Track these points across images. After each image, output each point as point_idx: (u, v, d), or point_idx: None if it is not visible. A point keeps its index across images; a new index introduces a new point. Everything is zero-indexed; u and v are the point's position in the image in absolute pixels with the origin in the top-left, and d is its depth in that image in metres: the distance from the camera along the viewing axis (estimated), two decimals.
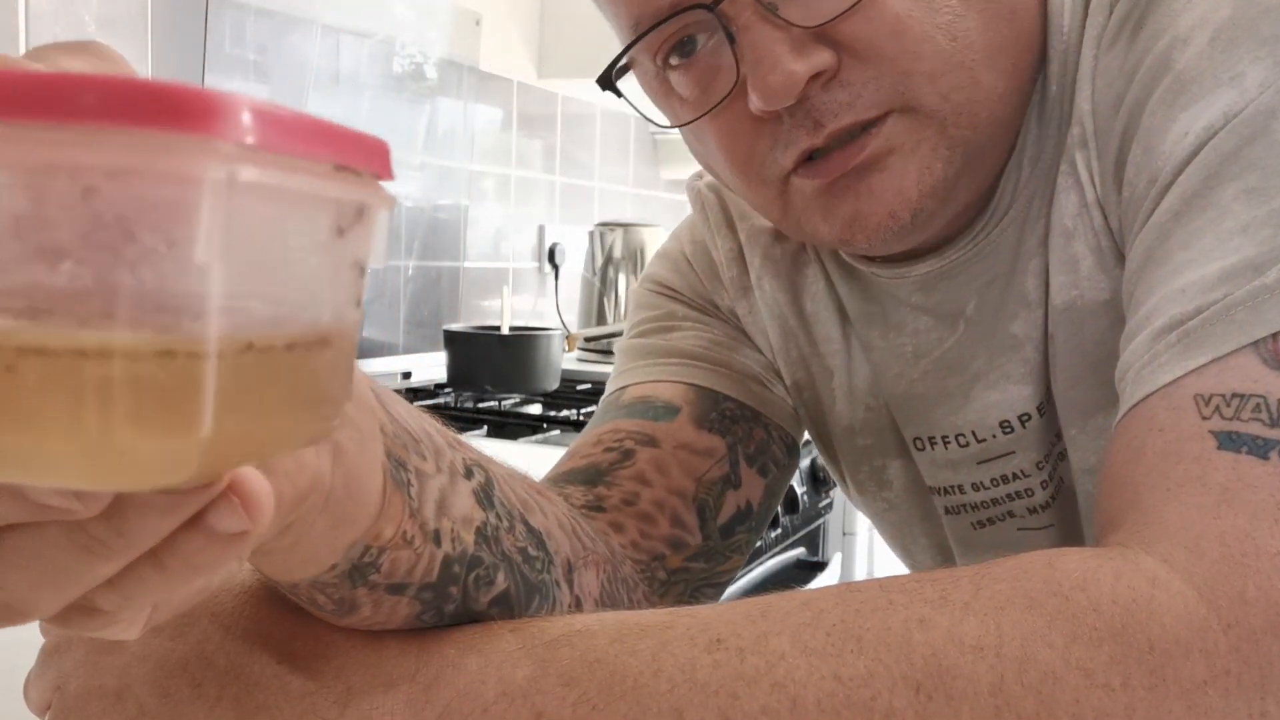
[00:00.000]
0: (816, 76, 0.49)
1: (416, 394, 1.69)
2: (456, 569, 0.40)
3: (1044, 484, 0.61)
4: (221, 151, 0.18)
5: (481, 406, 1.63)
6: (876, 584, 0.39)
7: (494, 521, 0.43)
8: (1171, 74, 0.47)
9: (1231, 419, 0.39)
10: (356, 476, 0.33)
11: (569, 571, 0.48)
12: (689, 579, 0.61)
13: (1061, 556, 0.37)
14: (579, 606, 0.49)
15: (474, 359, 1.66)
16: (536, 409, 1.66)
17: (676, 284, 0.70)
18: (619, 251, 2.17)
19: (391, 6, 1.75)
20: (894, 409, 0.65)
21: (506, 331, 1.71)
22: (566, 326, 2.20)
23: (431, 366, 1.81)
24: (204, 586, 0.28)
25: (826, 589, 0.39)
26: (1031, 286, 0.56)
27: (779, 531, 1.41)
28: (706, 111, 0.53)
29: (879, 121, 0.50)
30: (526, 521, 0.45)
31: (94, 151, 0.18)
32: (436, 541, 0.39)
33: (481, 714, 0.37)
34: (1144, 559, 0.37)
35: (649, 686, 0.36)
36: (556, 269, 2.26)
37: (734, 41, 0.49)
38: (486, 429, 1.48)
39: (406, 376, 1.78)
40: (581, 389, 1.80)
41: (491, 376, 1.64)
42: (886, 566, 1.73)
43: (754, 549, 0.67)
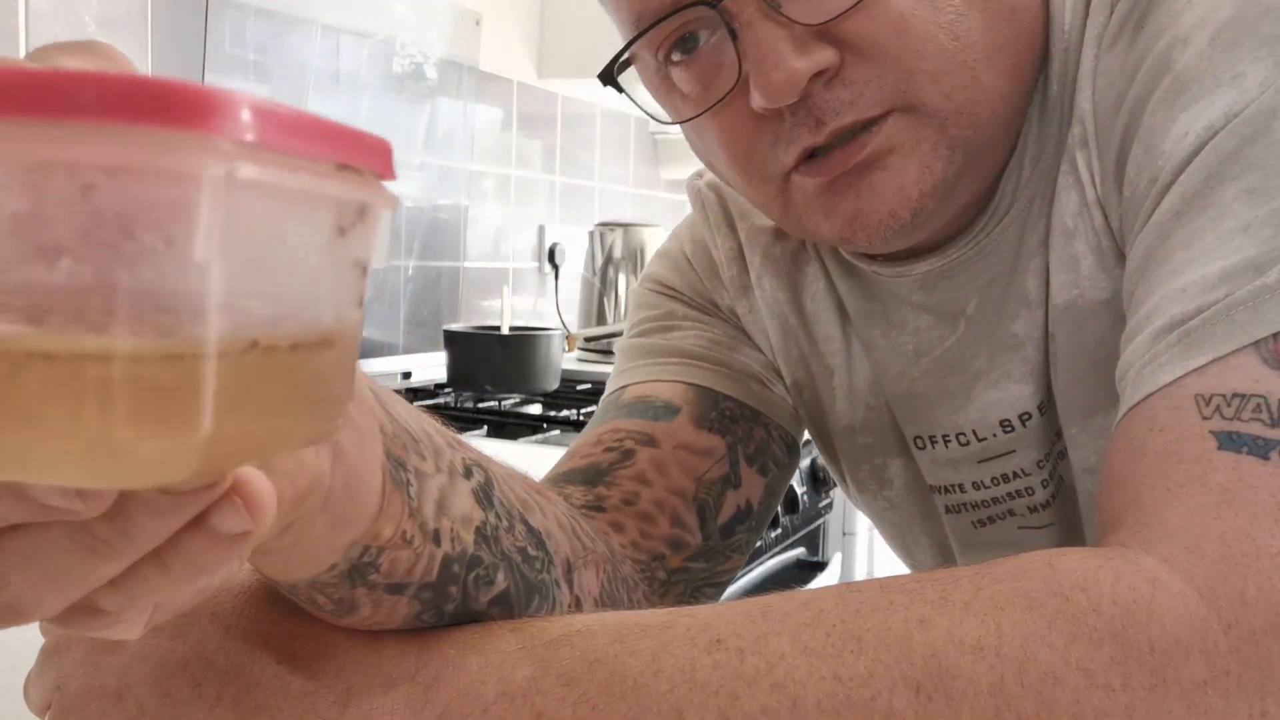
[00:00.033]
0: (819, 74, 0.49)
1: (416, 394, 1.69)
2: (456, 569, 0.40)
3: (1044, 483, 0.61)
4: (220, 149, 0.18)
5: (481, 406, 1.63)
6: (876, 584, 0.39)
7: (493, 521, 0.42)
8: (1172, 74, 0.47)
9: (1232, 419, 0.39)
10: (356, 476, 0.33)
11: (569, 571, 0.48)
12: (689, 579, 0.61)
13: (1062, 557, 0.37)
14: (579, 606, 0.49)
15: (474, 359, 1.66)
16: (536, 409, 1.66)
17: (676, 283, 0.70)
18: (619, 251, 2.17)
19: (391, 6, 1.75)
20: (895, 408, 0.65)
21: (506, 331, 1.71)
22: (566, 326, 2.20)
23: (431, 366, 1.81)
24: (205, 586, 0.28)
25: (826, 589, 0.39)
26: (1032, 286, 0.56)
27: (779, 531, 1.41)
28: (708, 108, 0.52)
29: (880, 120, 0.50)
30: (526, 521, 0.45)
31: (92, 149, 0.18)
32: (436, 541, 0.39)
33: (481, 714, 0.37)
34: (1144, 559, 0.37)
35: (649, 687, 0.36)
36: (556, 269, 2.26)
37: (736, 38, 0.49)
38: (486, 429, 1.48)
39: (406, 376, 1.78)
40: (581, 389, 1.80)
41: (491, 376, 1.64)
42: (886, 566, 1.73)
43: (754, 549, 0.67)
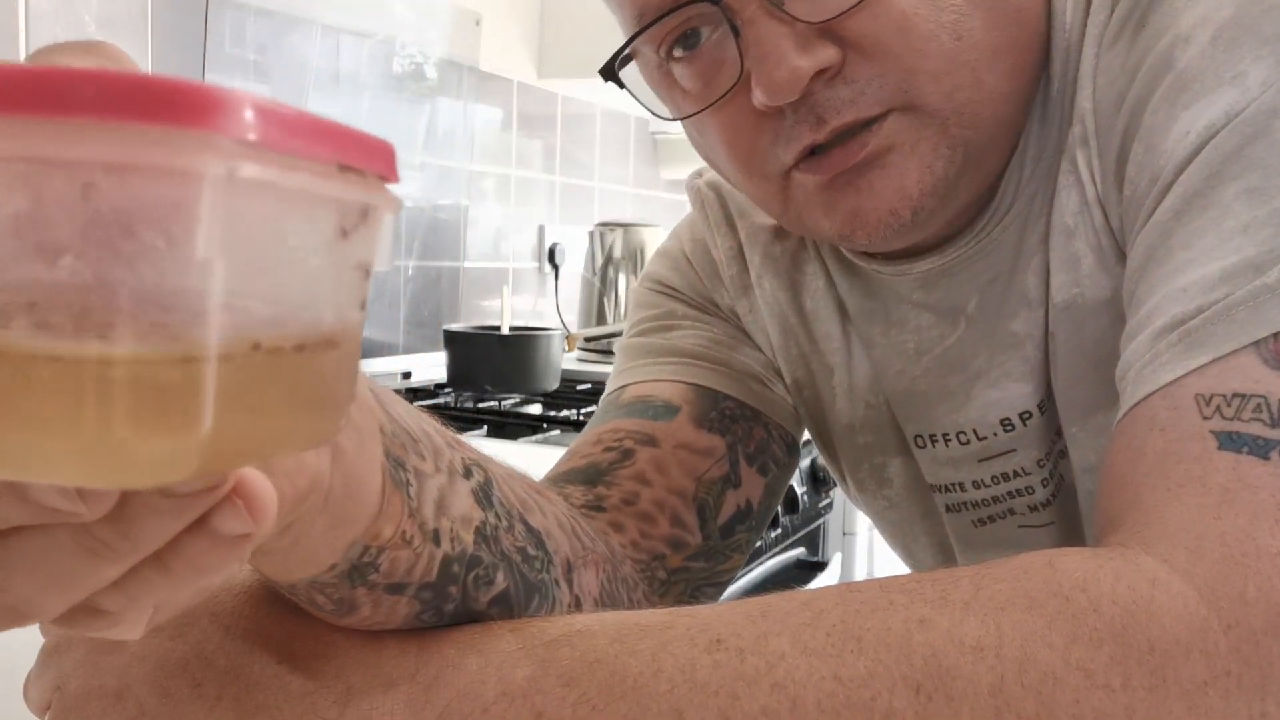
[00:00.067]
0: (820, 73, 0.49)
1: (416, 394, 1.69)
2: (456, 568, 0.40)
3: (1044, 482, 0.61)
4: (222, 147, 0.18)
5: (481, 406, 1.63)
6: (876, 584, 0.39)
7: (493, 521, 0.42)
8: (1173, 72, 0.47)
9: (1232, 419, 0.39)
10: (356, 476, 0.33)
11: (568, 571, 0.48)
12: (689, 578, 0.61)
13: (1062, 557, 0.37)
14: (578, 606, 0.49)
15: (474, 359, 1.66)
16: (536, 409, 1.66)
17: (676, 283, 0.70)
18: (619, 251, 2.17)
19: (391, 6, 1.75)
20: (895, 406, 0.65)
21: (506, 331, 1.71)
22: (566, 326, 2.20)
23: (431, 366, 1.81)
24: (206, 586, 0.28)
25: (826, 589, 0.39)
26: (1032, 284, 0.56)
27: (779, 531, 1.41)
28: (709, 105, 0.52)
29: (881, 119, 0.50)
30: (526, 521, 0.45)
31: (93, 147, 0.18)
32: (436, 541, 0.39)
33: (481, 714, 0.37)
34: (1144, 559, 0.37)
35: (649, 687, 0.36)
36: (556, 269, 2.26)
37: (738, 35, 0.49)
38: (486, 429, 1.48)
39: (406, 376, 1.78)
40: (581, 389, 1.80)
41: (491, 376, 1.64)
42: (886, 566, 1.73)
43: (754, 548, 0.67)
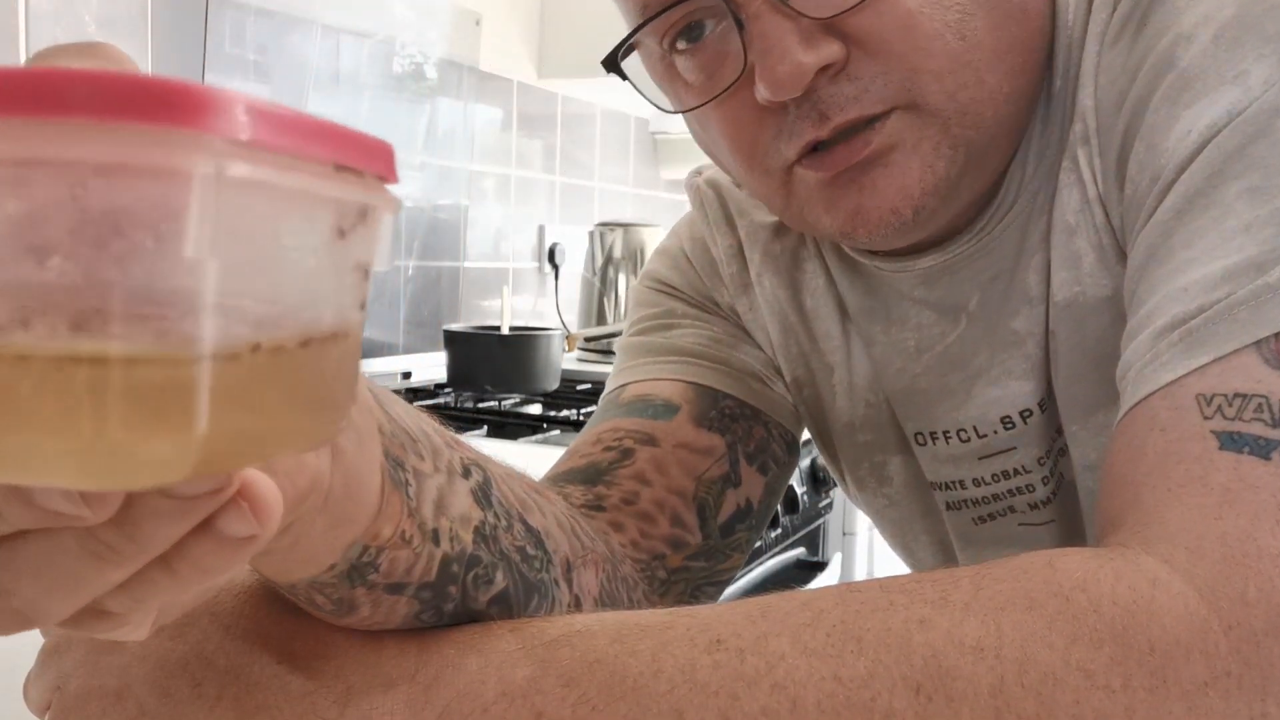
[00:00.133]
0: (824, 69, 0.49)
1: (416, 394, 1.69)
2: (455, 568, 0.40)
3: (1045, 480, 0.61)
4: (212, 146, 0.18)
5: (481, 406, 1.63)
6: (877, 584, 0.38)
7: (492, 520, 0.42)
8: (1175, 71, 0.46)
9: (1233, 419, 0.39)
10: (355, 476, 0.33)
11: (568, 570, 0.48)
12: (689, 578, 0.61)
13: (1062, 557, 0.37)
14: (578, 605, 0.49)
15: (474, 359, 1.66)
16: (536, 409, 1.66)
17: (676, 281, 0.70)
18: (619, 251, 2.17)
19: (391, 6, 1.75)
20: (895, 404, 0.65)
21: (506, 331, 1.71)
22: (566, 326, 2.20)
23: (431, 366, 1.81)
24: (210, 587, 0.28)
25: (826, 589, 0.39)
26: (1033, 282, 0.56)
27: (779, 531, 1.40)
28: (712, 98, 0.52)
29: (883, 117, 0.50)
30: (525, 520, 0.45)
31: (82, 146, 0.17)
32: (435, 541, 0.38)
33: (481, 714, 0.37)
34: (1145, 559, 0.37)
35: (649, 687, 0.36)
36: (556, 269, 2.26)
37: (743, 29, 0.49)
38: (486, 429, 1.48)
39: (406, 376, 1.78)
40: (581, 389, 1.80)
41: (491, 376, 1.64)
42: (886, 566, 1.73)
43: (754, 548, 0.67)
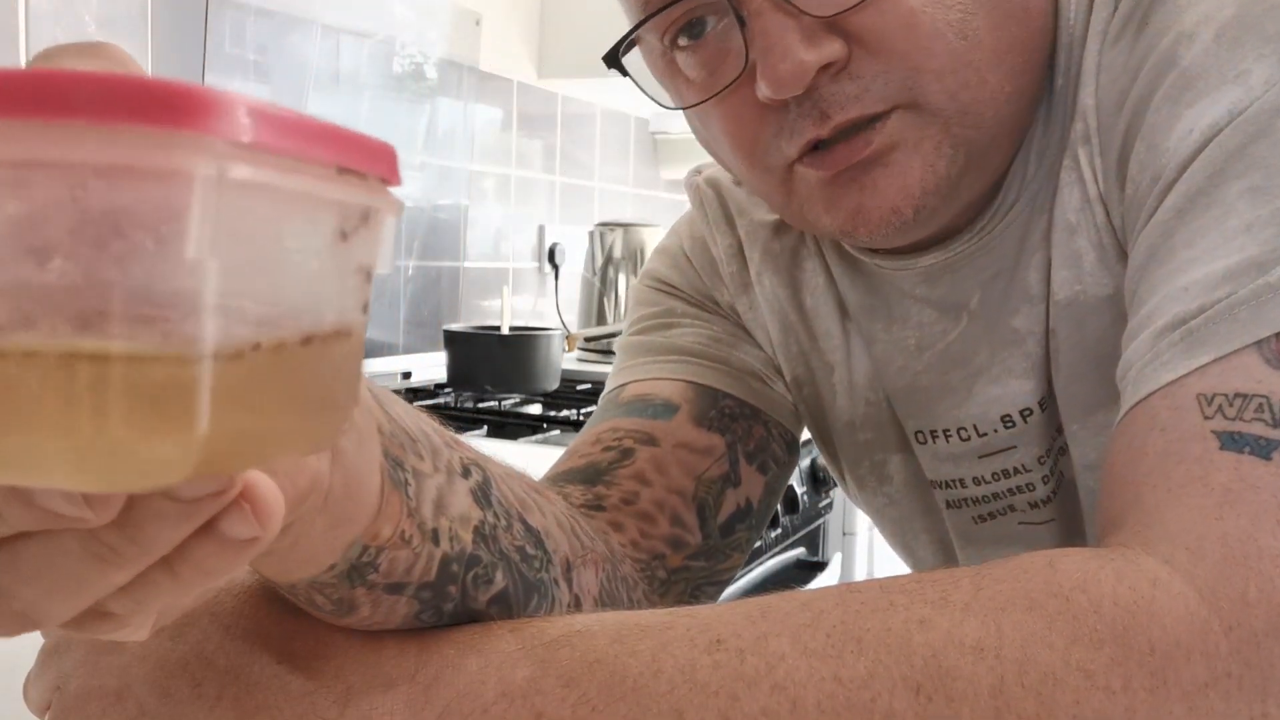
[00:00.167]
0: (826, 67, 0.49)
1: (416, 394, 1.69)
2: (455, 568, 0.40)
3: (1045, 479, 0.61)
4: (213, 148, 0.18)
5: (481, 406, 1.63)
6: (877, 585, 0.38)
7: (492, 520, 0.42)
8: (1176, 70, 0.46)
9: (1234, 419, 0.39)
10: (355, 476, 0.33)
11: (568, 570, 0.48)
12: (689, 577, 0.61)
13: (1062, 557, 0.37)
14: (578, 605, 0.49)
15: (474, 359, 1.66)
16: (536, 409, 1.66)
17: (675, 280, 0.70)
18: (619, 251, 2.17)
19: (391, 6, 1.75)
20: (896, 402, 0.65)
21: (506, 331, 1.71)
22: (566, 326, 2.20)
23: (431, 366, 1.81)
24: (211, 588, 0.28)
25: (826, 589, 0.39)
26: (1034, 281, 0.56)
27: (779, 531, 1.40)
28: (713, 95, 0.52)
29: (884, 116, 0.50)
30: (524, 520, 0.45)
31: (83, 148, 0.17)
32: (435, 541, 0.38)
33: (481, 714, 0.37)
34: (1145, 560, 0.37)
35: (649, 687, 0.36)
36: (556, 269, 2.26)
37: (744, 26, 0.49)
38: (486, 429, 1.48)
39: (406, 376, 1.78)
40: (581, 389, 1.80)
41: (491, 376, 1.64)
42: (886, 566, 1.73)
43: (754, 547, 0.67)
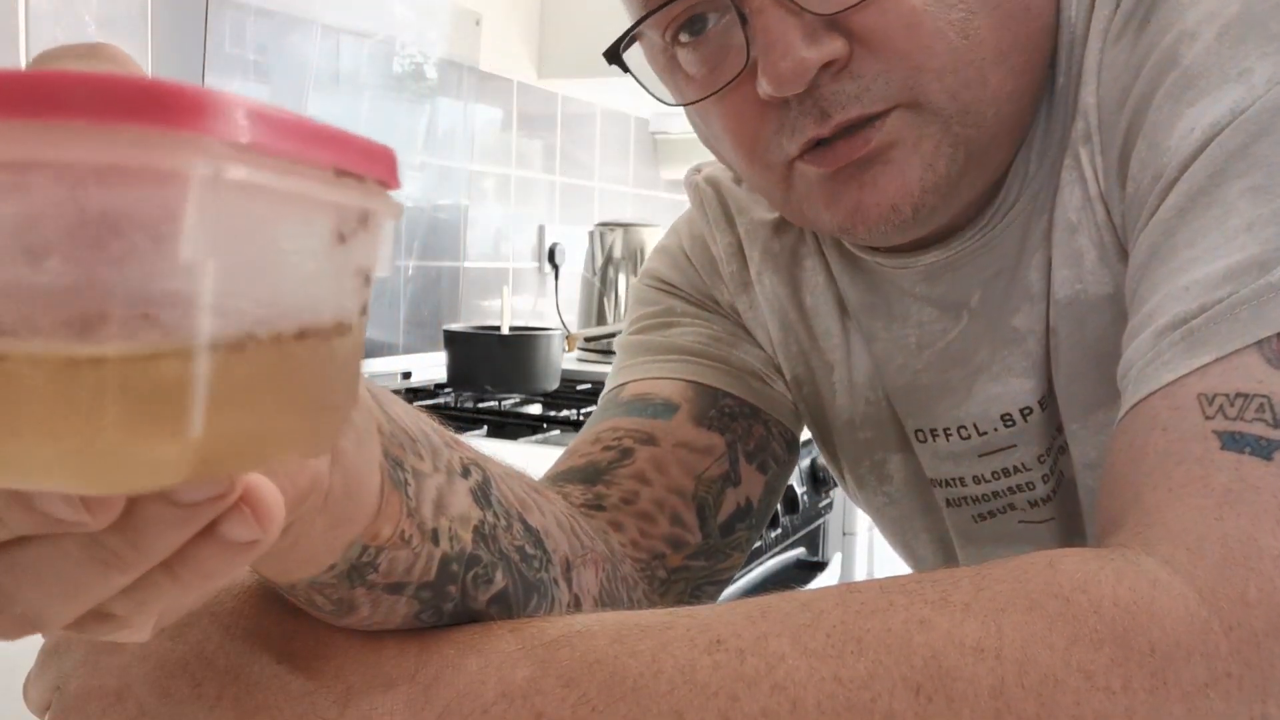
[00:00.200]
0: (827, 65, 0.48)
1: (416, 394, 1.69)
2: (455, 568, 0.40)
3: (1045, 478, 0.61)
4: (210, 149, 0.18)
5: (481, 406, 1.63)
6: (877, 585, 0.38)
7: (491, 520, 0.42)
8: (1178, 69, 0.46)
9: (1235, 419, 0.39)
10: (355, 476, 0.33)
11: (568, 570, 0.48)
12: (689, 577, 0.61)
13: (1062, 557, 0.37)
14: (578, 605, 0.49)
15: (474, 359, 1.65)
16: (536, 409, 1.66)
17: (675, 279, 0.70)
18: (619, 251, 2.17)
19: (391, 6, 1.75)
20: (896, 400, 0.65)
21: (506, 331, 1.71)
22: (566, 326, 2.20)
23: (431, 366, 1.81)
24: (212, 589, 0.28)
25: (826, 590, 0.39)
26: (1035, 280, 0.56)
27: (779, 531, 1.40)
28: (714, 92, 0.52)
29: (885, 115, 0.50)
30: (524, 520, 0.45)
31: (80, 149, 0.17)
32: (434, 540, 0.38)
33: (481, 714, 0.37)
34: (1145, 560, 0.36)
35: (649, 688, 0.36)
36: (556, 269, 2.26)
37: (746, 23, 0.49)
38: (486, 429, 1.48)
39: (406, 376, 1.78)
40: (581, 389, 1.80)
41: (491, 376, 1.64)
42: (887, 566, 1.73)
43: (754, 547, 0.67)
